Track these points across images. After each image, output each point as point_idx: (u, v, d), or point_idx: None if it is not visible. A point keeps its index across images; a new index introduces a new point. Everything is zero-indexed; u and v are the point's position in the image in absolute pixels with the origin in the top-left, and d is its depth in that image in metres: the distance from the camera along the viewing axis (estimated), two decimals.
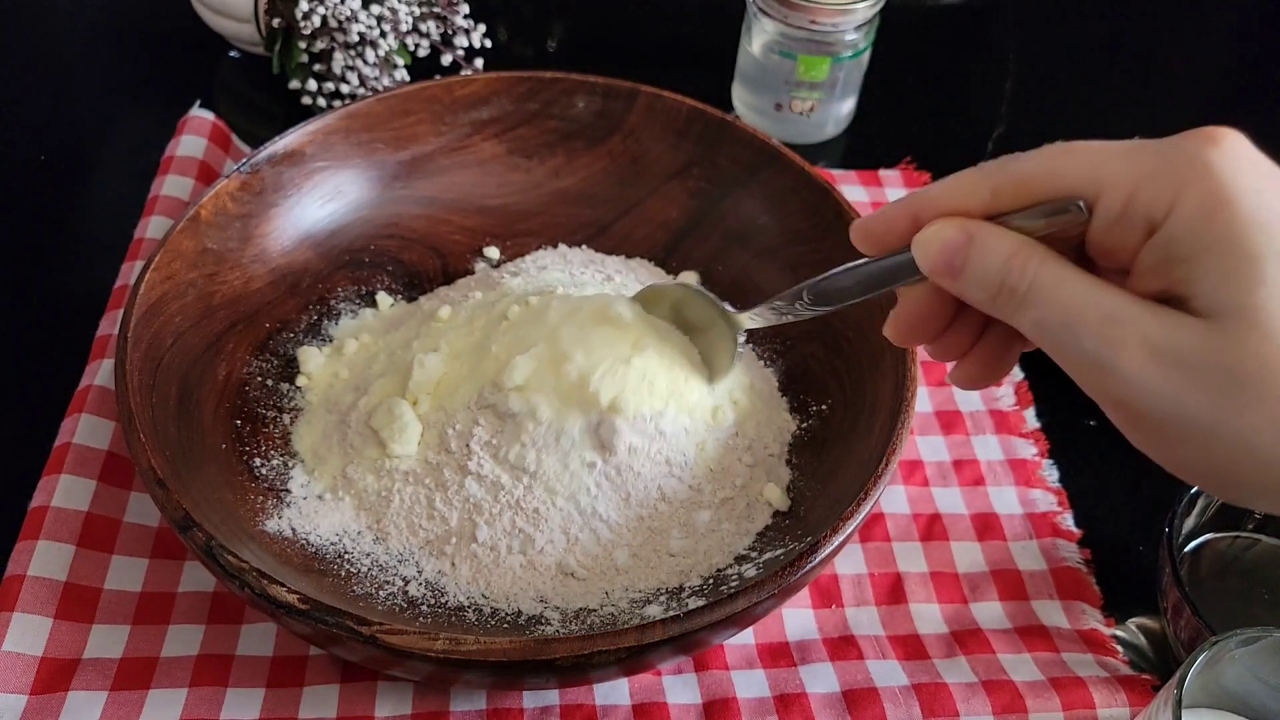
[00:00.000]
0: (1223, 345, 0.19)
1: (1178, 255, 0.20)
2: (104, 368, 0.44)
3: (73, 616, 0.37)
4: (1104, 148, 0.21)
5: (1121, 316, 0.20)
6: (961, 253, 0.21)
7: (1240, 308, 0.19)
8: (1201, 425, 0.20)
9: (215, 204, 0.42)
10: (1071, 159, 0.21)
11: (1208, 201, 0.19)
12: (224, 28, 0.59)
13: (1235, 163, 0.20)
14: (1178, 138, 0.21)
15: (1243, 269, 0.19)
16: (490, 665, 0.30)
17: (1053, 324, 0.21)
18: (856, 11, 0.53)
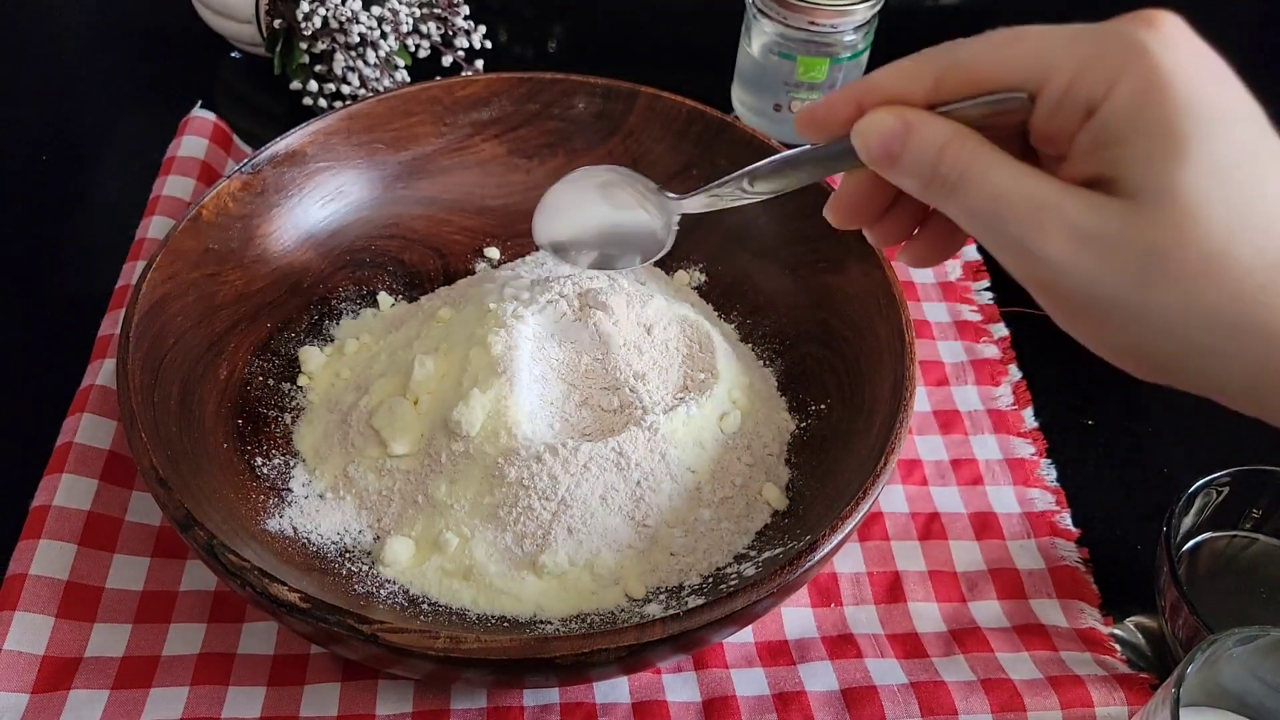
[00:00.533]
0: (1142, 224, 0.20)
1: (1111, 138, 0.20)
2: (105, 367, 0.44)
3: (74, 615, 0.37)
4: (1048, 33, 0.21)
5: (1046, 201, 0.20)
6: (899, 141, 0.22)
7: (1162, 188, 0.19)
8: (1120, 304, 0.20)
9: (216, 204, 0.42)
10: (1016, 47, 0.21)
11: (1142, 85, 0.20)
12: (225, 29, 0.59)
13: (1172, 47, 0.20)
14: (1117, 21, 0.21)
15: (1168, 150, 0.19)
16: (491, 664, 0.30)
17: (981, 211, 0.21)
18: (855, 13, 0.54)
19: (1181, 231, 0.19)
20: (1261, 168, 0.20)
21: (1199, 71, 0.20)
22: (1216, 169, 0.19)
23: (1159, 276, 0.20)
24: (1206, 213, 0.19)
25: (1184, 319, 0.20)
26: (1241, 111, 0.20)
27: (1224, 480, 0.40)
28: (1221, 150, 0.19)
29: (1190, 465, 0.46)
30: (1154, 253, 0.19)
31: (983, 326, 0.51)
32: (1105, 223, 0.20)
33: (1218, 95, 0.20)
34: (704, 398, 0.40)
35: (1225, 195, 0.19)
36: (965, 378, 0.49)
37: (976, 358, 0.50)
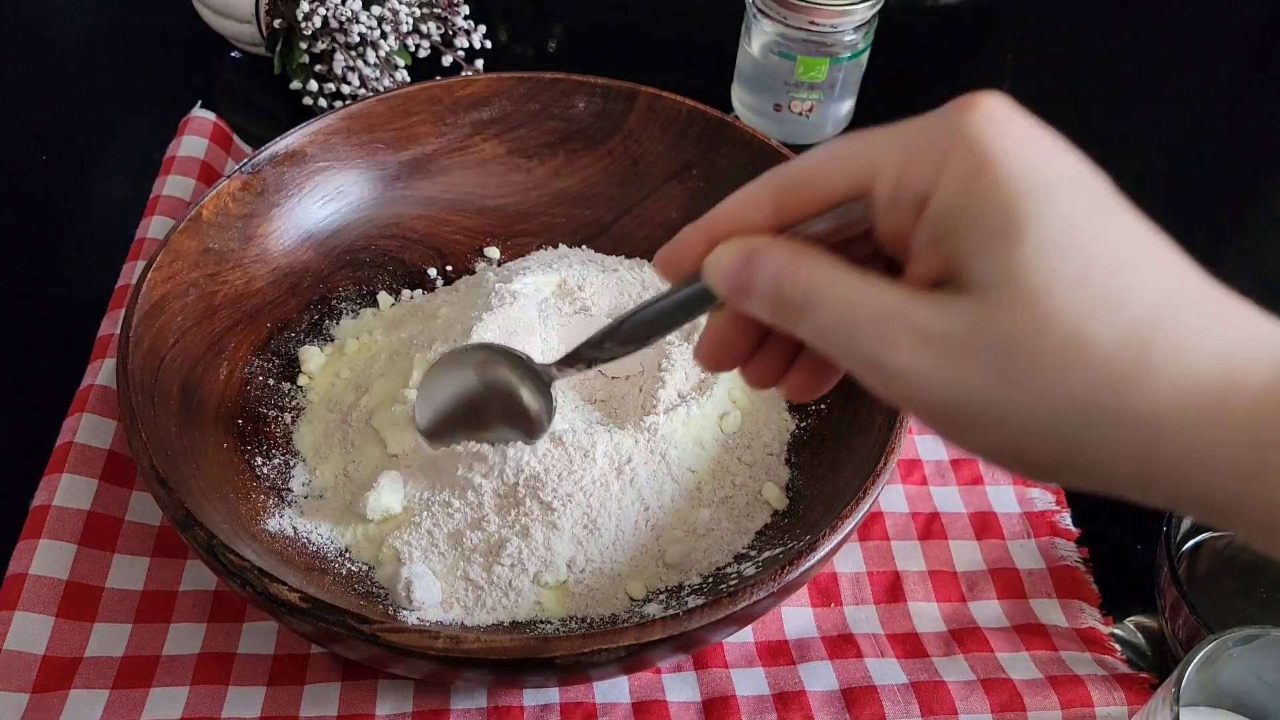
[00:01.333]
0: (990, 318, 0.18)
1: (945, 229, 0.19)
2: (105, 367, 0.44)
3: (74, 615, 0.37)
4: (872, 135, 0.20)
5: (891, 310, 0.19)
6: (745, 271, 0.21)
7: (1002, 274, 0.18)
8: (988, 407, 0.18)
9: (217, 204, 0.42)
10: (844, 154, 0.20)
11: (966, 168, 0.18)
12: (225, 28, 0.59)
13: (994, 125, 0.19)
14: (940, 110, 0.20)
15: (1002, 232, 0.18)
16: (490, 663, 0.30)
17: (831, 330, 0.20)
18: (855, 12, 0.54)
19: (1031, 318, 0.18)
20: (1106, 236, 0.18)
21: (1024, 147, 0.18)
22: (1055, 244, 0.18)
23: (1020, 372, 0.18)
24: (1053, 294, 0.17)
25: (1056, 414, 0.18)
26: (1076, 179, 0.18)
27: None
28: (1057, 224, 0.18)
29: None
30: (1008, 347, 0.18)
31: None
32: (953, 323, 0.18)
33: (1046, 167, 0.18)
34: (704, 398, 0.40)
35: (1070, 272, 0.17)
36: None
37: None
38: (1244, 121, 0.68)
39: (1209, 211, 0.61)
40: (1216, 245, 0.59)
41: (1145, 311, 0.18)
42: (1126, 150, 0.64)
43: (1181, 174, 0.64)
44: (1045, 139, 0.19)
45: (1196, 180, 0.64)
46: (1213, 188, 0.63)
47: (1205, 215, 0.61)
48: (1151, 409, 0.17)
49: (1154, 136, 0.65)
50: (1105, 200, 0.18)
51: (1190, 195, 0.63)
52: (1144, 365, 0.17)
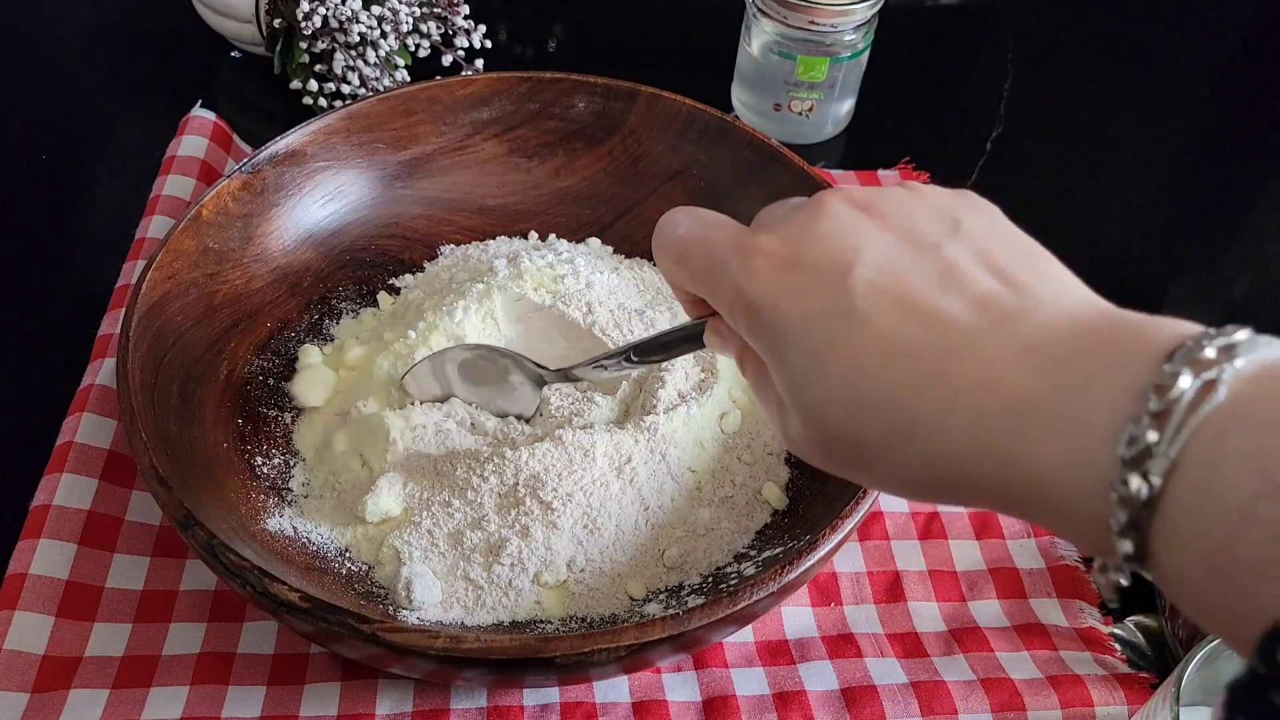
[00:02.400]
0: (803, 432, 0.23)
1: (762, 358, 0.24)
2: (105, 367, 0.44)
3: (74, 615, 0.37)
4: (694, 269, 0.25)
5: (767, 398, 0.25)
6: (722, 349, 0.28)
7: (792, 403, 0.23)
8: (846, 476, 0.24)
9: (216, 204, 0.42)
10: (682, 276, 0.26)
11: (746, 323, 0.24)
12: (225, 28, 0.59)
13: (756, 278, 0.23)
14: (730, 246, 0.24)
15: (781, 372, 0.23)
16: (490, 663, 0.30)
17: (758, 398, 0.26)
18: (855, 12, 0.54)
19: (820, 430, 0.22)
20: (838, 356, 0.22)
21: (773, 295, 0.23)
22: (810, 374, 0.22)
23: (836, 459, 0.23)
24: (821, 412, 0.22)
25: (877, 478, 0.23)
26: (811, 307, 0.22)
27: None
28: (805, 358, 0.22)
29: None
30: (818, 445, 0.23)
31: None
32: (789, 428, 0.24)
33: (791, 309, 0.22)
34: (704, 397, 0.40)
35: (822, 391, 0.22)
36: None
37: None
38: (1244, 121, 0.68)
39: (1209, 211, 0.61)
40: (1217, 244, 0.59)
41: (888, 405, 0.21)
42: (1126, 150, 0.64)
43: (1182, 173, 0.64)
44: (796, 278, 0.23)
45: (1197, 179, 0.64)
46: (1213, 187, 0.63)
47: (1206, 214, 0.61)
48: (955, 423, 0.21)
49: (1154, 136, 0.65)
50: (839, 319, 0.22)
51: (1191, 195, 0.63)
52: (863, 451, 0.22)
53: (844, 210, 0.23)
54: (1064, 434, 0.19)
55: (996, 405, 0.20)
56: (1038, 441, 0.19)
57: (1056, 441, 0.19)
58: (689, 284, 0.26)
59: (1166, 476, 0.17)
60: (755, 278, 0.23)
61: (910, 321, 0.21)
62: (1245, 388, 0.17)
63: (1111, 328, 0.20)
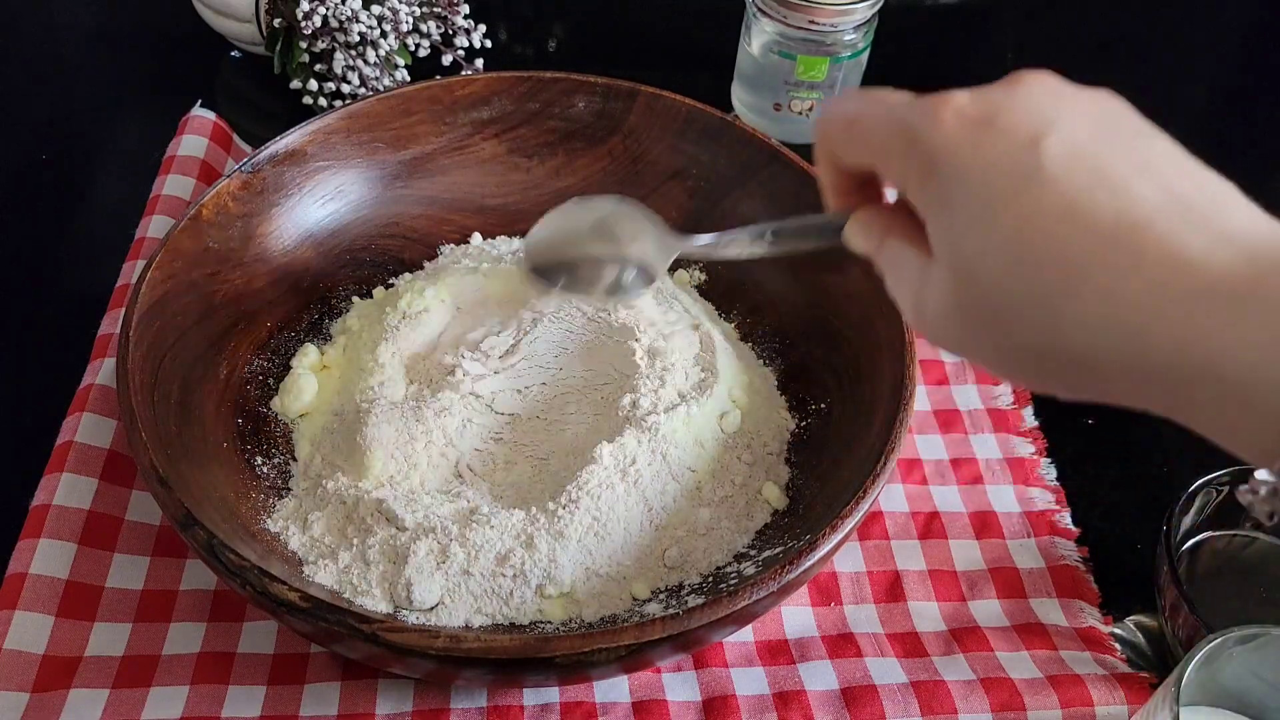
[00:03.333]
0: (948, 291, 0.23)
1: (923, 217, 0.24)
2: (105, 366, 0.44)
3: (74, 615, 0.37)
4: (870, 130, 0.25)
5: (905, 275, 0.25)
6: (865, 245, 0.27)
7: (949, 256, 0.23)
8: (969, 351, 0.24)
9: (216, 203, 0.42)
10: (852, 144, 0.26)
11: (922, 172, 0.23)
12: (225, 28, 0.59)
13: (941, 129, 0.23)
14: (915, 106, 0.24)
15: (945, 221, 0.23)
16: (490, 663, 0.30)
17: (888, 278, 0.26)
18: (855, 12, 0.54)
19: (971, 287, 0.23)
20: (1015, 208, 0.22)
21: (958, 144, 0.23)
22: (977, 222, 0.22)
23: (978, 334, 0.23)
24: (979, 265, 0.22)
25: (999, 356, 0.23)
26: (996, 158, 0.22)
27: (1224, 479, 0.40)
28: (977, 205, 0.22)
29: (1190, 464, 0.46)
30: (961, 307, 0.23)
31: None
32: (929, 289, 0.24)
33: (975, 157, 0.22)
34: (704, 397, 0.40)
35: (986, 242, 0.22)
36: (965, 376, 0.49)
37: None
38: (1245, 121, 0.68)
39: None
40: None
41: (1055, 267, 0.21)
42: None
43: None
44: (981, 131, 0.22)
45: None
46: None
47: None
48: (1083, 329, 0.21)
49: None
50: (1018, 176, 0.22)
51: None
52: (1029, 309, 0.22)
53: (1046, 84, 0.23)
54: (1262, 318, 0.19)
55: (1182, 283, 0.20)
56: (1228, 323, 0.19)
57: (1251, 325, 0.19)
58: (855, 152, 0.25)
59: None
60: (940, 128, 0.23)
61: (1101, 190, 0.21)
62: None
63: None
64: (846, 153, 0.26)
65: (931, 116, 0.23)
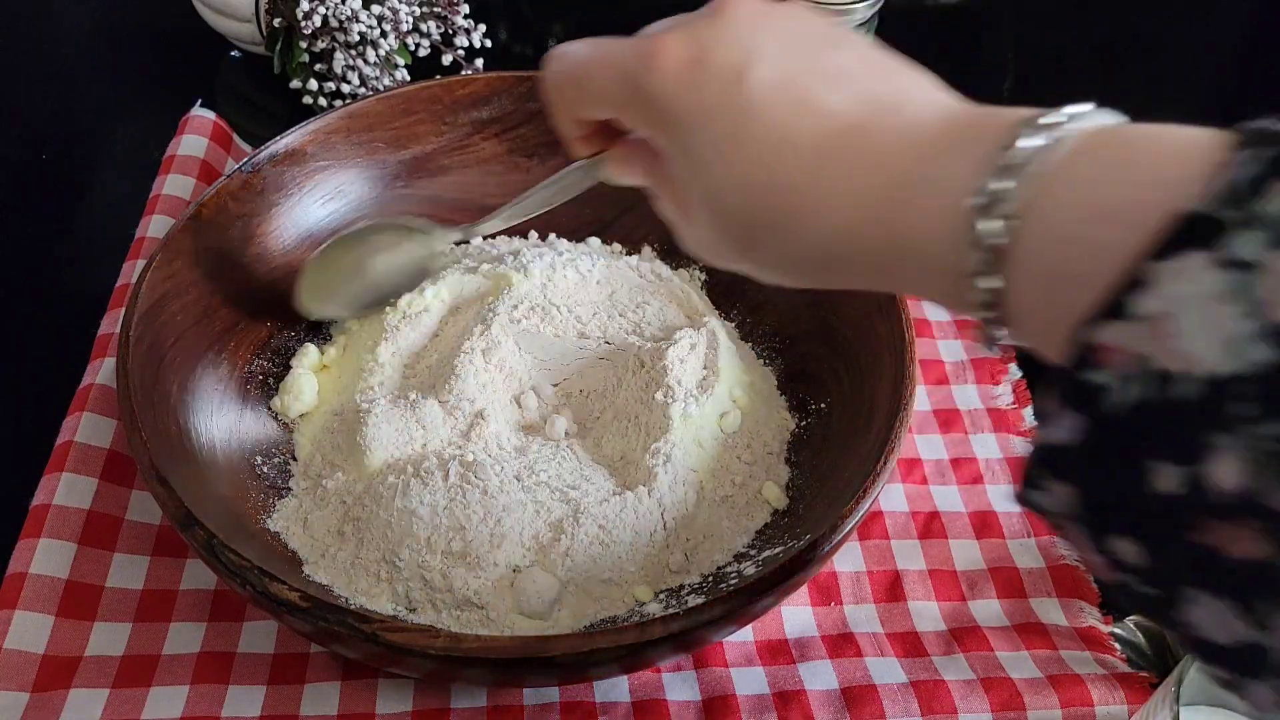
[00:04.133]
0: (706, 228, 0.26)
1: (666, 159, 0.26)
2: (105, 366, 0.44)
3: (74, 614, 0.37)
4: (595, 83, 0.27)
5: (670, 212, 0.28)
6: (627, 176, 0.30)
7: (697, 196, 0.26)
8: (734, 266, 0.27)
9: (216, 203, 0.42)
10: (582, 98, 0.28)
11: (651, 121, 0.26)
12: (225, 27, 0.59)
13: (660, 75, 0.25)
14: (630, 48, 0.27)
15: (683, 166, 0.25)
16: (490, 663, 0.30)
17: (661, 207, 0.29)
18: (855, 11, 0.53)
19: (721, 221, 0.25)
20: (736, 146, 0.24)
21: (677, 91, 0.25)
22: (710, 164, 0.24)
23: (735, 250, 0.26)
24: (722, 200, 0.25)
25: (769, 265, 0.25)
26: (712, 101, 0.24)
27: None
28: (707, 149, 0.24)
29: None
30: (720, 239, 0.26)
31: None
32: (694, 230, 0.27)
33: (693, 103, 0.24)
34: (704, 397, 0.40)
35: (722, 179, 0.24)
36: (965, 376, 0.49)
37: (976, 356, 0.50)
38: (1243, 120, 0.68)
39: None
40: None
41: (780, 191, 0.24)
42: None
43: None
44: (697, 75, 0.24)
45: None
46: None
47: None
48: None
49: None
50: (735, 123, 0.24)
51: None
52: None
53: (744, 13, 0.25)
54: (931, 196, 0.22)
55: (877, 182, 0.22)
56: (911, 206, 0.22)
57: (926, 204, 0.22)
58: (590, 103, 0.27)
59: (1014, 217, 0.20)
60: (660, 75, 0.25)
61: (801, 114, 0.23)
62: (1084, 142, 0.20)
63: (973, 114, 0.23)
64: (581, 109, 0.28)
65: (649, 64, 0.25)
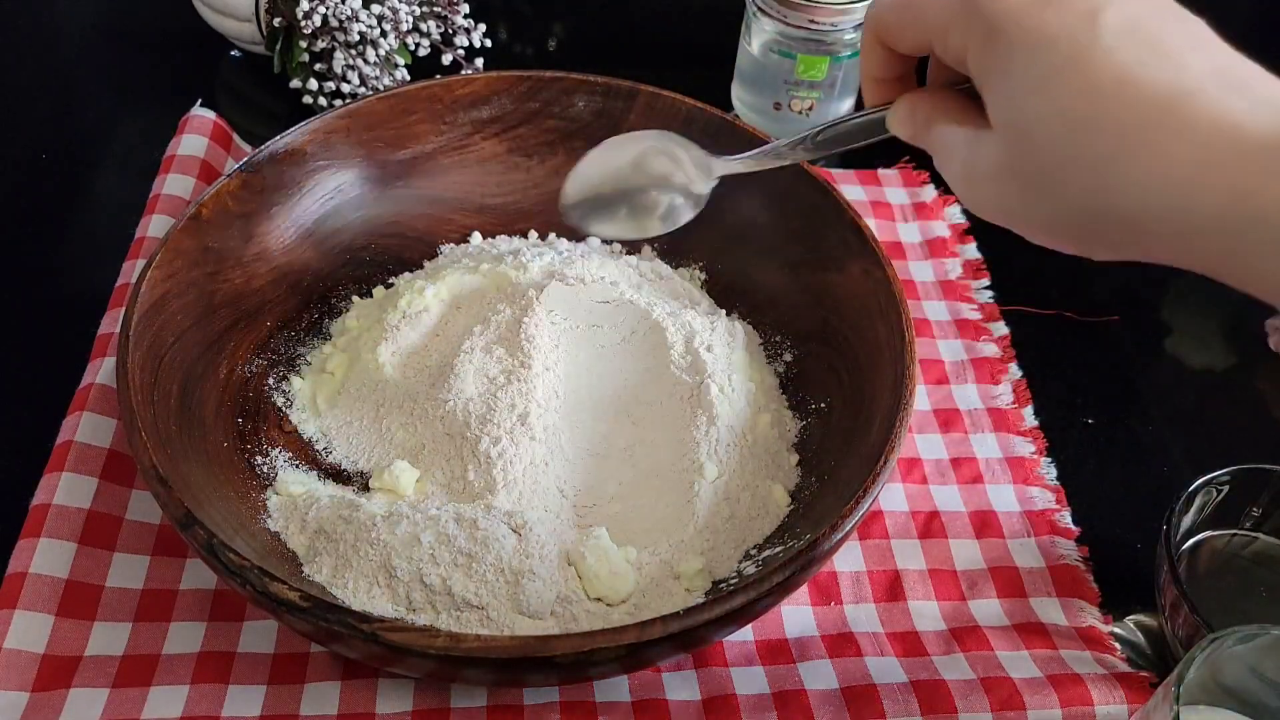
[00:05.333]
0: (1001, 157, 0.25)
1: (980, 85, 0.25)
2: (105, 366, 0.44)
3: (74, 614, 0.37)
4: (928, 4, 0.26)
5: (955, 144, 0.27)
6: (908, 121, 0.29)
7: (1005, 122, 0.25)
8: (1017, 216, 0.26)
9: (216, 203, 0.42)
10: (904, 21, 0.27)
11: (979, 40, 0.25)
12: (225, 27, 0.59)
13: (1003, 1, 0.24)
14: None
15: (1004, 88, 0.24)
16: (491, 662, 0.30)
17: (937, 154, 0.28)
18: (855, 10, 0.53)
19: (1036, 160, 0.24)
20: (1072, 76, 0.23)
21: (1020, 14, 0.24)
22: (1035, 89, 0.24)
23: (1034, 196, 0.25)
24: (1036, 129, 0.24)
25: (1051, 220, 0.25)
26: (1057, 28, 0.23)
27: (1224, 479, 0.40)
28: (1036, 73, 0.24)
29: (1190, 463, 0.46)
30: (1022, 180, 0.25)
31: (982, 325, 0.51)
32: (982, 158, 0.25)
33: (1036, 27, 0.24)
34: (730, 387, 0.40)
35: (1045, 107, 0.23)
36: (965, 376, 0.49)
37: (976, 356, 0.50)
38: None
39: None
40: None
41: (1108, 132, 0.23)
42: None
43: None
44: (1045, 4, 0.24)
45: None
46: None
47: None
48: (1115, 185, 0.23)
49: None
50: (1080, 46, 0.23)
51: None
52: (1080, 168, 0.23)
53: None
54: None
55: (1229, 143, 0.21)
56: (1274, 175, 0.21)
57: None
58: (911, 30, 0.27)
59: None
60: (1003, 1, 0.24)
61: (1154, 59, 0.23)
62: None
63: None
64: (902, 32, 0.27)
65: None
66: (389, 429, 0.41)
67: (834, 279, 0.44)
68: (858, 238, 0.42)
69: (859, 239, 0.42)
